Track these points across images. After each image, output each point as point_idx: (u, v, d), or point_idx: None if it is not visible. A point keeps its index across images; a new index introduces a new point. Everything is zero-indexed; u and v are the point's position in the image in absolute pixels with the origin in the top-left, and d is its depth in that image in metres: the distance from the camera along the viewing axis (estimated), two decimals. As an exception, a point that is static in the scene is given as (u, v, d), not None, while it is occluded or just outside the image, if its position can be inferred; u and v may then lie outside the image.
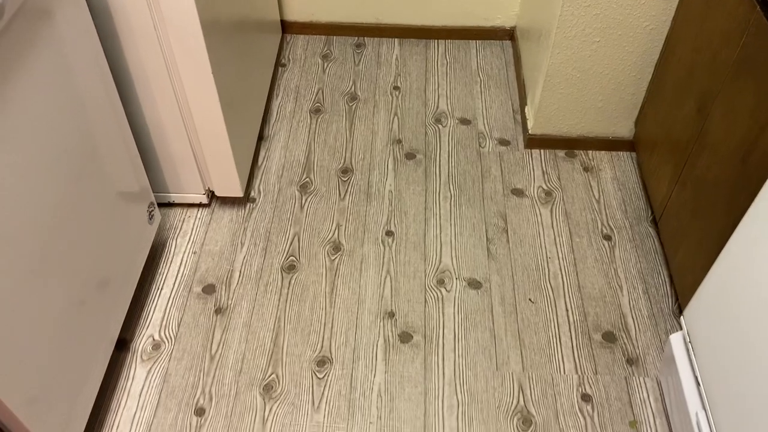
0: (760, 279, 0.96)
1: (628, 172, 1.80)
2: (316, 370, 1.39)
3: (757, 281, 0.97)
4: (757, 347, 0.97)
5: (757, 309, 0.97)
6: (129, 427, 1.30)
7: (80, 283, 1.16)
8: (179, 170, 1.58)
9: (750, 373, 0.98)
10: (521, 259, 1.60)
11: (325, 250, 1.61)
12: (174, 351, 1.42)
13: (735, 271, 1.04)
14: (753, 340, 0.98)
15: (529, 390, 1.37)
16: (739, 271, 1.03)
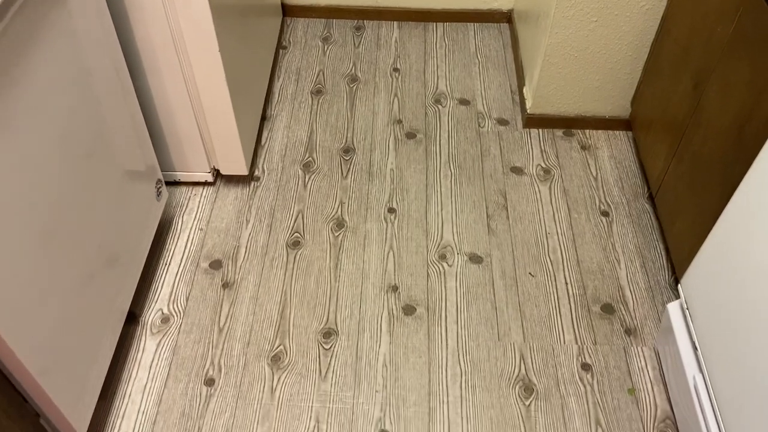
0: (755, 245, 1.00)
1: (624, 150, 1.84)
2: (323, 341, 1.43)
3: (752, 247, 1.01)
4: (753, 311, 1.01)
5: (752, 274, 1.01)
6: (140, 397, 1.33)
7: (90, 258, 1.19)
8: (185, 149, 1.61)
9: (747, 335, 1.02)
10: (521, 235, 1.63)
11: (328, 227, 1.64)
12: (183, 324, 1.45)
13: (731, 237, 1.08)
14: (749, 304, 1.02)
15: (530, 359, 1.40)
16: (735, 238, 1.07)
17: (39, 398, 1.06)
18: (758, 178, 1.01)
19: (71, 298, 1.12)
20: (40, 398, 1.06)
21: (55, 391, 1.08)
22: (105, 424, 1.29)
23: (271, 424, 1.30)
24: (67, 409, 1.11)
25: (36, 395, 1.05)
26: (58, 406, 1.09)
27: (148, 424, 1.29)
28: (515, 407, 1.33)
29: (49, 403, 1.07)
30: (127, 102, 1.32)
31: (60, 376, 1.08)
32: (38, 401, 1.07)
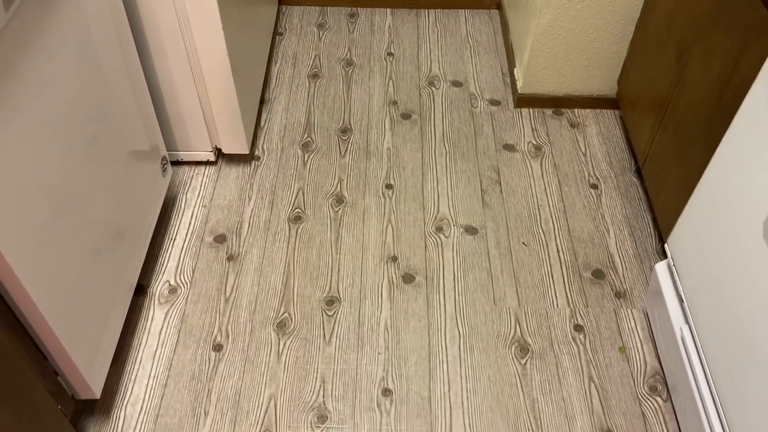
0: (735, 200, 1.06)
1: (612, 127, 1.90)
2: (326, 308, 1.48)
3: (732, 202, 1.07)
4: (735, 262, 1.07)
5: (733, 228, 1.07)
6: (151, 362, 1.38)
7: (99, 234, 1.23)
8: (188, 128, 1.66)
9: (729, 286, 1.09)
10: (514, 208, 1.69)
11: (328, 203, 1.70)
12: (190, 294, 1.50)
13: (713, 194, 1.14)
14: (730, 256, 1.08)
15: (525, 322, 1.47)
16: (717, 194, 1.13)
17: (59, 356, 1.11)
18: (735, 138, 1.08)
19: (83, 270, 1.16)
20: (59, 356, 1.11)
21: (74, 351, 1.13)
22: (118, 387, 1.34)
23: (278, 385, 1.35)
24: (84, 368, 1.16)
25: (56, 353, 1.10)
26: (77, 364, 1.13)
27: (159, 388, 1.34)
28: (512, 366, 1.39)
29: (68, 361, 1.12)
30: (133, 80, 1.37)
31: (77, 338, 1.13)
32: (58, 360, 1.11)
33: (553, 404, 1.33)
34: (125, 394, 1.34)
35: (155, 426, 1.29)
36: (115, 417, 1.30)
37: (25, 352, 1.02)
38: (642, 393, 1.35)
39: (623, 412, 1.32)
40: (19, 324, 1.03)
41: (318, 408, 1.32)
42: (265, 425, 1.29)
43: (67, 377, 1.15)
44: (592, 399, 1.34)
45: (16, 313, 1.02)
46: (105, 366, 1.24)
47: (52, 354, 1.10)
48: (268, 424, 1.29)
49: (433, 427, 1.30)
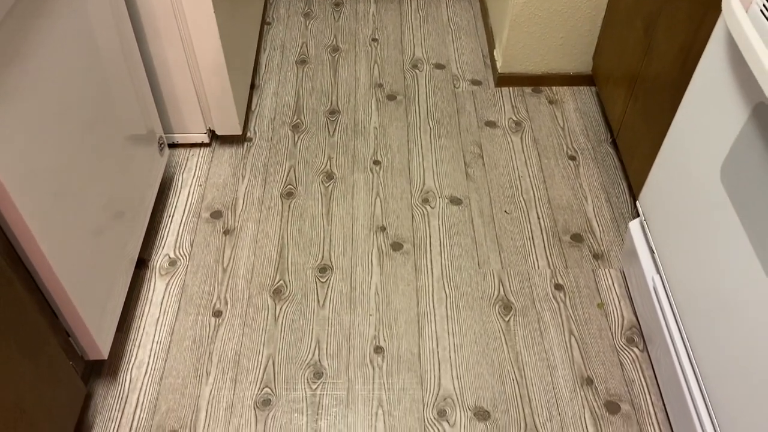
0: (696, 150, 1.15)
1: (589, 103, 1.99)
2: (319, 275, 1.56)
3: (693, 152, 1.16)
4: (697, 207, 1.16)
5: (695, 174, 1.16)
6: (154, 329, 1.45)
7: (100, 212, 1.30)
8: (183, 110, 1.73)
9: (692, 229, 1.17)
10: (496, 179, 1.78)
11: (319, 179, 1.77)
12: (189, 266, 1.57)
13: (676, 148, 1.23)
14: (693, 202, 1.17)
15: (508, 283, 1.55)
16: (680, 148, 1.22)
17: (70, 316, 1.18)
18: (694, 96, 1.16)
19: (89, 242, 1.23)
20: (70, 316, 1.18)
21: (84, 312, 1.20)
22: (123, 352, 1.41)
23: (276, 346, 1.42)
24: (93, 329, 1.23)
25: (67, 312, 1.17)
26: (86, 324, 1.21)
27: (162, 352, 1.42)
28: (496, 323, 1.47)
29: (78, 321, 1.19)
30: (130, 64, 1.44)
31: (86, 301, 1.20)
32: (69, 319, 1.19)
33: (536, 356, 1.41)
34: (131, 358, 1.41)
35: (160, 386, 1.36)
36: (121, 379, 1.37)
37: (39, 308, 1.09)
38: (619, 344, 1.43)
39: (602, 362, 1.40)
40: (35, 284, 1.10)
41: (314, 365, 1.39)
42: (264, 382, 1.37)
43: (78, 337, 1.23)
44: (573, 350, 1.42)
45: (33, 274, 1.09)
46: (111, 329, 1.31)
47: (64, 314, 1.17)
48: (267, 381, 1.37)
49: (423, 380, 1.37)
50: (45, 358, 1.08)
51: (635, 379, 1.38)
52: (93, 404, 1.33)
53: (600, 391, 1.36)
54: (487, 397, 1.35)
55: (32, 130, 1.05)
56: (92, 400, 1.34)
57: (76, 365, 1.22)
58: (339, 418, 1.31)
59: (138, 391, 1.35)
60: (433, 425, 1.31)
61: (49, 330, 1.11)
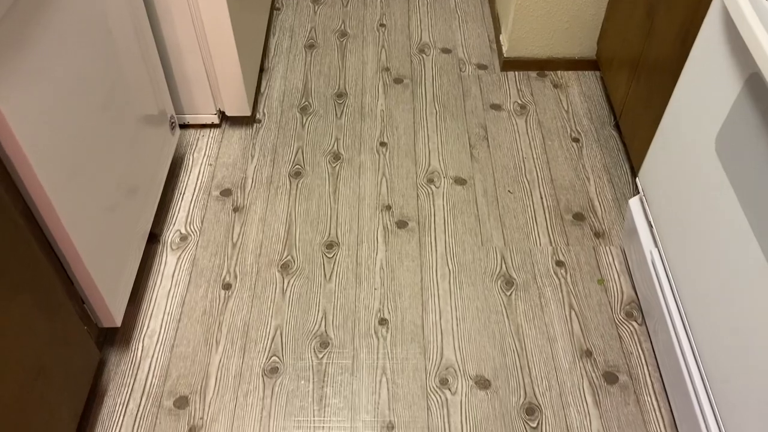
0: (692, 123, 1.18)
1: (593, 87, 2.02)
2: (326, 251, 1.60)
3: (690, 125, 1.19)
4: (693, 178, 1.19)
5: (691, 147, 1.19)
6: (165, 301, 1.50)
7: (113, 189, 1.35)
8: (193, 91, 1.77)
9: (688, 202, 1.20)
10: (500, 160, 1.81)
11: (326, 159, 1.81)
12: (200, 241, 1.61)
13: (674, 123, 1.26)
14: (690, 174, 1.20)
15: (510, 259, 1.58)
16: (677, 122, 1.25)
17: (85, 282, 1.22)
18: (691, 72, 1.19)
19: (103, 216, 1.27)
20: (86, 283, 1.22)
21: (99, 279, 1.24)
22: (135, 323, 1.46)
23: (283, 317, 1.47)
24: (107, 297, 1.27)
25: (83, 279, 1.22)
26: (101, 292, 1.25)
27: (173, 322, 1.46)
28: (498, 297, 1.51)
29: (93, 288, 1.24)
30: (143, 44, 1.48)
31: (101, 270, 1.25)
32: (84, 286, 1.23)
33: (536, 329, 1.45)
34: (143, 327, 1.45)
35: (171, 354, 1.41)
36: (133, 348, 1.42)
37: (56, 272, 1.14)
38: (618, 318, 1.47)
39: (601, 335, 1.44)
40: (53, 251, 1.15)
41: (320, 336, 1.44)
42: (272, 351, 1.41)
43: (92, 304, 1.27)
44: (573, 324, 1.46)
45: (51, 241, 1.13)
46: (124, 298, 1.36)
47: (80, 281, 1.22)
48: (275, 350, 1.41)
49: (426, 350, 1.41)
50: (61, 320, 1.13)
51: (633, 351, 1.41)
52: (106, 371, 1.38)
53: (599, 363, 1.39)
54: (488, 367, 1.38)
55: (51, 108, 1.09)
56: (105, 366, 1.39)
57: (90, 331, 1.26)
58: (344, 386, 1.35)
59: (150, 359, 1.40)
60: (435, 393, 1.34)
61: (65, 294, 1.15)
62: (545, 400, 1.33)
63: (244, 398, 1.33)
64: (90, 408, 1.32)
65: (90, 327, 1.27)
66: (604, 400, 1.33)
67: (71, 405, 1.16)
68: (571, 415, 1.31)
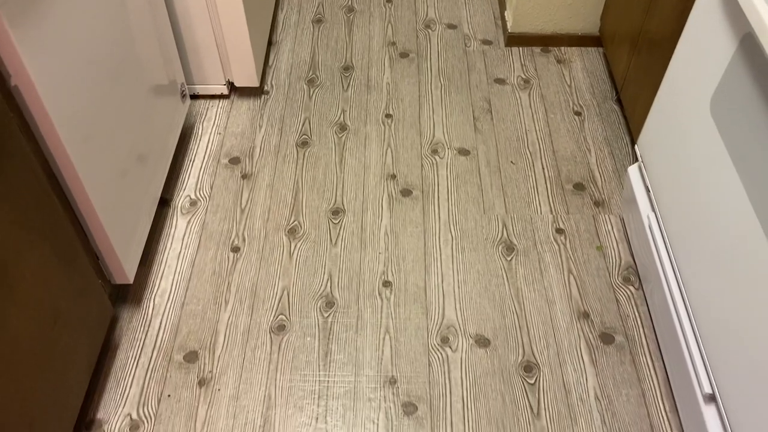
0: (688, 88, 1.21)
1: (596, 63, 2.05)
2: (332, 217, 1.64)
3: (686, 90, 1.22)
4: (688, 140, 1.22)
5: (687, 111, 1.22)
6: (176, 262, 1.55)
7: (127, 151, 1.39)
8: (203, 62, 1.81)
9: (686, 170, 1.24)
10: (504, 132, 1.85)
11: (333, 130, 1.85)
12: (209, 206, 1.66)
13: (671, 89, 1.29)
14: (685, 136, 1.23)
15: (511, 226, 1.62)
16: (674, 88, 1.28)
17: (99, 238, 1.27)
18: (687, 39, 1.22)
19: (118, 177, 1.31)
20: (100, 238, 1.27)
21: (113, 235, 1.29)
22: (147, 282, 1.51)
23: (290, 279, 1.51)
24: (120, 253, 1.32)
25: (97, 234, 1.26)
26: (114, 248, 1.30)
27: (183, 282, 1.51)
28: (498, 262, 1.55)
29: (107, 244, 1.28)
30: (155, 13, 1.52)
31: (115, 227, 1.29)
32: (98, 241, 1.28)
33: (535, 292, 1.49)
34: (153, 287, 1.50)
35: (181, 312, 1.45)
36: (145, 306, 1.47)
37: (74, 225, 1.18)
38: (616, 283, 1.51)
39: (599, 298, 1.48)
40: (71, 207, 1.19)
41: (326, 296, 1.48)
42: (279, 310, 1.46)
43: (106, 261, 1.32)
44: (571, 288, 1.50)
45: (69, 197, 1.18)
46: (136, 257, 1.41)
47: (95, 237, 1.26)
48: (282, 309, 1.46)
49: (428, 311, 1.46)
50: (77, 272, 1.17)
51: (630, 314, 1.45)
52: (119, 327, 1.43)
53: (595, 324, 1.43)
54: (488, 327, 1.43)
55: (70, 73, 1.13)
56: (118, 323, 1.44)
57: (104, 286, 1.31)
58: (349, 342, 1.40)
59: (161, 316, 1.45)
60: (436, 350, 1.39)
61: (81, 248, 1.20)
62: (543, 359, 1.38)
63: (252, 353, 1.38)
64: (103, 361, 1.37)
65: (104, 282, 1.31)
66: (600, 359, 1.38)
67: (86, 354, 1.21)
68: (568, 373, 1.36)
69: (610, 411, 1.30)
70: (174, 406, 1.31)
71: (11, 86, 0.99)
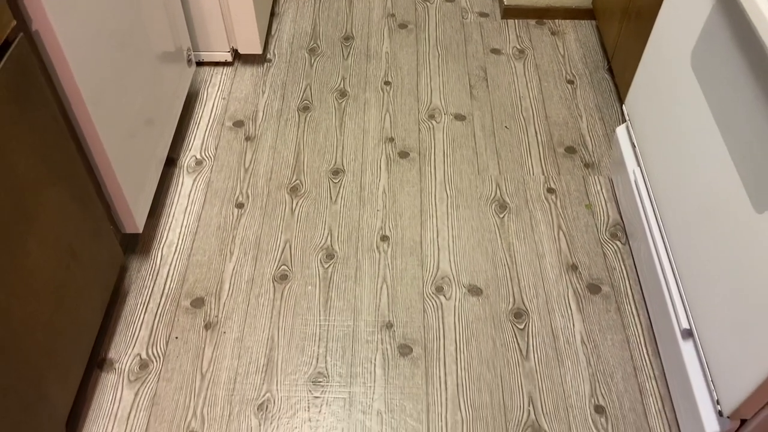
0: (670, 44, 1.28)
1: (588, 35, 2.11)
2: (332, 177, 1.70)
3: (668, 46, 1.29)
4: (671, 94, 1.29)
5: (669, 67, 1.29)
6: (182, 216, 1.61)
7: (133, 118, 1.45)
8: (209, 29, 1.87)
9: (669, 123, 1.30)
10: (498, 99, 1.91)
11: (333, 96, 1.91)
12: (214, 166, 1.72)
13: (656, 47, 1.36)
14: (668, 90, 1.30)
15: (504, 186, 1.69)
16: (658, 46, 1.35)
17: (112, 187, 1.33)
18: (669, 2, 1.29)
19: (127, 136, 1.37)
20: (113, 187, 1.33)
21: (125, 185, 1.35)
22: (155, 235, 1.57)
23: (292, 233, 1.58)
24: (131, 202, 1.38)
25: (110, 184, 1.33)
26: (126, 197, 1.36)
27: (190, 235, 1.57)
28: (491, 219, 1.62)
29: (119, 193, 1.35)
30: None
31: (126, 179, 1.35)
32: (111, 191, 1.34)
33: (526, 246, 1.56)
34: (161, 239, 1.57)
35: (188, 262, 1.52)
36: (153, 255, 1.53)
37: (88, 170, 1.25)
38: (603, 238, 1.58)
39: (587, 252, 1.55)
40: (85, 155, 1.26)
41: (326, 249, 1.55)
42: (281, 261, 1.52)
43: (117, 210, 1.38)
44: (560, 242, 1.57)
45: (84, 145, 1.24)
46: (145, 209, 1.47)
47: (107, 185, 1.33)
48: (284, 260, 1.53)
49: (424, 263, 1.53)
50: (91, 215, 1.24)
51: (616, 266, 1.52)
52: (128, 276, 1.50)
53: (583, 276, 1.50)
54: (481, 278, 1.50)
55: (86, 30, 1.19)
56: (127, 272, 1.50)
57: (115, 233, 1.37)
58: (348, 291, 1.47)
59: (168, 266, 1.51)
60: (431, 298, 1.46)
61: (95, 192, 1.26)
62: (532, 306, 1.45)
63: (256, 300, 1.45)
64: (113, 307, 1.44)
65: (115, 229, 1.38)
66: (587, 307, 1.45)
67: (99, 295, 1.28)
68: (556, 320, 1.43)
69: (595, 354, 1.37)
70: (181, 347, 1.38)
71: (32, 31, 1.05)
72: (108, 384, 1.32)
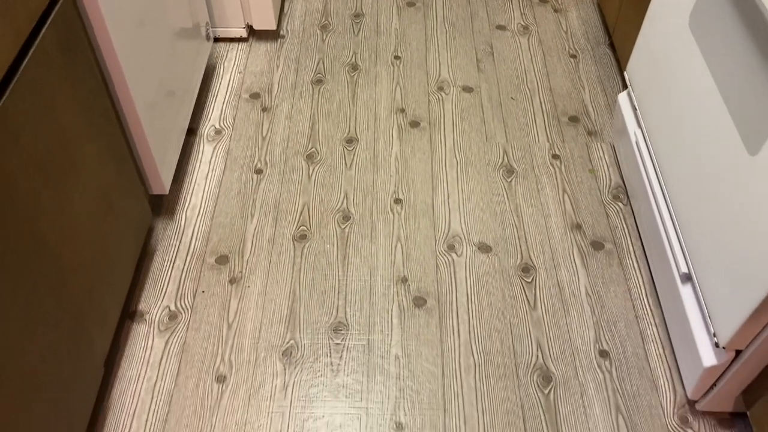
0: (670, 8, 1.35)
1: (590, 12, 2.19)
2: (346, 145, 1.78)
3: (668, 11, 1.36)
4: (670, 55, 1.36)
5: (668, 30, 1.36)
6: (204, 181, 1.69)
7: (158, 85, 1.52)
8: (225, 5, 1.95)
9: (668, 85, 1.38)
10: (504, 72, 1.99)
11: (345, 70, 1.99)
12: (233, 135, 1.80)
13: (657, 12, 1.43)
14: (667, 53, 1.37)
15: (511, 152, 1.77)
16: (658, 11, 1.42)
17: (142, 148, 1.41)
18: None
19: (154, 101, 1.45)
20: (143, 148, 1.41)
21: (154, 148, 1.43)
22: (178, 198, 1.65)
23: (310, 196, 1.66)
24: (159, 164, 1.46)
25: (140, 145, 1.40)
26: (155, 158, 1.44)
27: (212, 198, 1.65)
28: (500, 183, 1.69)
29: (148, 154, 1.42)
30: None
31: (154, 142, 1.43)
32: (140, 151, 1.42)
33: (533, 208, 1.64)
34: (185, 202, 1.64)
35: (211, 224, 1.60)
36: (177, 217, 1.61)
37: (122, 130, 1.32)
38: (606, 200, 1.66)
39: (590, 213, 1.63)
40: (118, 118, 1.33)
41: (343, 211, 1.63)
42: (300, 222, 1.60)
43: (146, 171, 1.46)
44: (565, 204, 1.65)
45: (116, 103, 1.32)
46: (170, 172, 1.55)
47: (137, 144, 1.40)
48: (303, 221, 1.60)
49: (436, 223, 1.60)
50: (124, 171, 1.32)
51: (618, 225, 1.60)
52: (154, 236, 1.58)
53: (587, 234, 1.58)
54: (490, 237, 1.58)
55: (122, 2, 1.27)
56: (153, 233, 1.58)
57: (145, 192, 1.45)
58: (364, 249, 1.55)
59: (192, 227, 1.59)
60: (443, 255, 1.54)
61: (128, 151, 1.34)
62: (539, 262, 1.53)
63: (277, 257, 1.53)
64: (141, 264, 1.52)
65: (144, 190, 1.46)
66: (591, 262, 1.53)
67: (132, 248, 1.35)
68: (562, 274, 1.51)
69: (599, 304, 1.46)
70: (208, 300, 1.46)
71: (75, -7, 1.12)
72: (140, 333, 1.40)
